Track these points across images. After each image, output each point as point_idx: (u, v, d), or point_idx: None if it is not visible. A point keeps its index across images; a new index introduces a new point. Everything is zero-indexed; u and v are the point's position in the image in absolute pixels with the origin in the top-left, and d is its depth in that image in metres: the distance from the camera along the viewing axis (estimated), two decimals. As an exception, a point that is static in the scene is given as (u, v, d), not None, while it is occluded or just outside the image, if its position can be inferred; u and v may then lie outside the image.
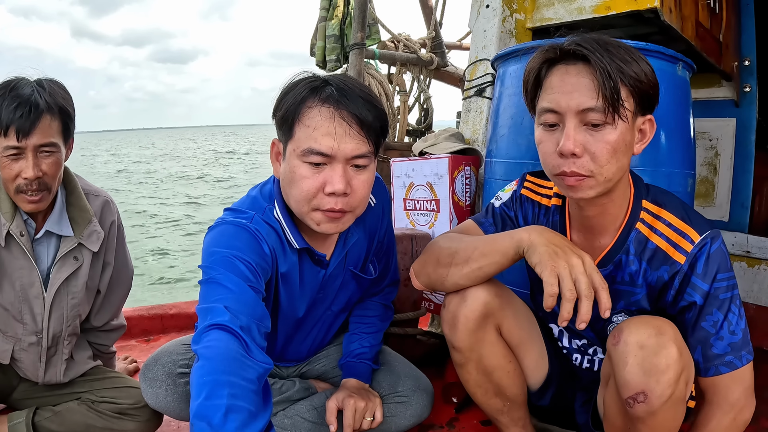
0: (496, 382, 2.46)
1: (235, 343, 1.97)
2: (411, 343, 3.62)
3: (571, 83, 1.96)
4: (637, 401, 1.88)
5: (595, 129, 1.95)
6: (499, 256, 2.14)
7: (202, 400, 1.82)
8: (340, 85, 2.18)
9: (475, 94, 3.98)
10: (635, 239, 2.16)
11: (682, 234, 2.07)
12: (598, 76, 1.91)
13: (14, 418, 2.75)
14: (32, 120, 2.44)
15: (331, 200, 2.17)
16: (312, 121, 2.14)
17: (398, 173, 3.91)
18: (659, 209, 2.15)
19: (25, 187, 2.53)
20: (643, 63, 1.97)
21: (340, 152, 2.13)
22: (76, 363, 2.94)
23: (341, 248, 2.59)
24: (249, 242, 2.26)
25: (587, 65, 1.94)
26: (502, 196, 2.57)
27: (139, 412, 2.81)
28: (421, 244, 3.54)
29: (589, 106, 1.92)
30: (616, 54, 1.93)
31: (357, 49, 4.86)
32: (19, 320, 2.74)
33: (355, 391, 2.65)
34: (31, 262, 2.68)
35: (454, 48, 6.74)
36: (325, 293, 2.69)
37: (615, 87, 1.89)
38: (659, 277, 2.12)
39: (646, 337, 1.88)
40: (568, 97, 1.96)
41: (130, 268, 3.18)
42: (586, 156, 1.96)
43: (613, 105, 1.90)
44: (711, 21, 4.04)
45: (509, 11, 3.93)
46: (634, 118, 1.99)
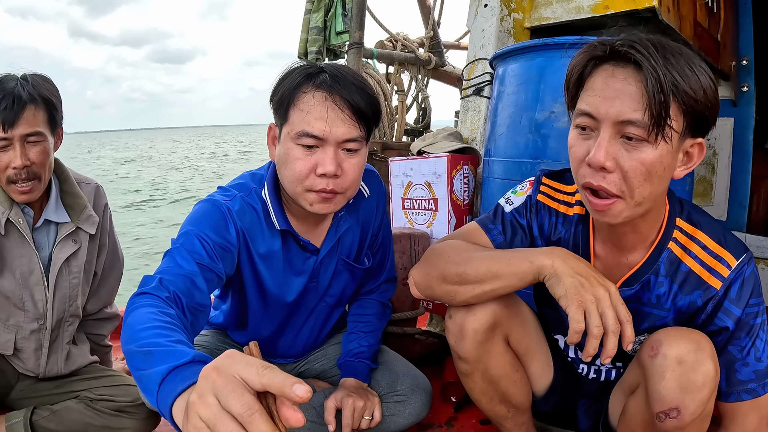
0: (503, 390, 2.39)
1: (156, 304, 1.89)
2: (409, 343, 3.62)
3: (615, 88, 1.74)
4: (670, 417, 1.83)
5: (630, 144, 1.75)
6: (516, 280, 1.97)
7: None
8: (333, 72, 2.25)
9: (474, 93, 3.98)
10: (667, 260, 2.03)
11: (719, 258, 1.96)
12: (648, 87, 1.67)
13: (12, 417, 2.75)
14: (16, 110, 2.50)
15: (322, 181, 2.24)
16: (306, 105, 2.21)
17: (396, 172, 3.91)
18: (694, 229, 2.02)
19: (15, 177, 2.58)
20: (705, 77, 1.73)
21: (332, 135, 2.20)
22: (76, 354, 2.97)
23: (333, 235, 2.63)
24: (216, 221, 2.33)
25: (638, 71, 1.71)
26: (513, 200, 2.35)
27: (137, 410, 2.81)
28: (420, 243, 3.56)
29: (629, 119, 1.71)
30: (675, 64, 1.69)
31: (355, 49, 4.86)
32: (21, 308, 2.76)
33: (353, 390, 2.65)
34: (31, 248, 2.72)
35: (452, 47, 6.75)
36: (318, 282, 2.71)
37: (665, 102, 1.67)
38: (692, 302, 2.01)
39: (685, 352, 1.81)
40: (608, 103, 1.75)
41: (120, 252, 3.26)
42: (618, 172, 1.78)
43: (659, 123, 1.68)
44: (709, 20, 4.05)
45: (507, 10, 3.93)
46: (681, 139, 1.78)
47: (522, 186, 2.39)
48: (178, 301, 1.99)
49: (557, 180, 2.31)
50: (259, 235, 2.48)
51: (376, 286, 3.02)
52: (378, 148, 4.83)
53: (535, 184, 2.33)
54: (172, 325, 1.72)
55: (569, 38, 2.89)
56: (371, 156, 4.71)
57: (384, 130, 5.68)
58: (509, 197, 2.38)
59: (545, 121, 2.90)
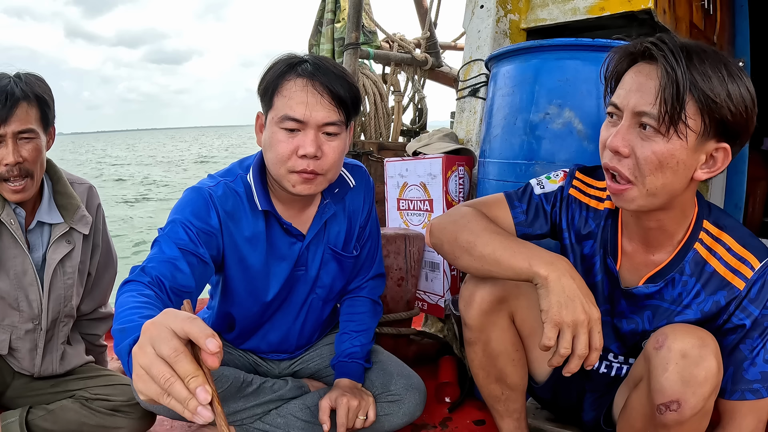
0: (500, 367, 2.45)
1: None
2: (404, 343, 3.63)
3: (638, 82, 1.88)
4: (670, 409, 1.86)
5: (645, 133, 1.86)
6: (511, 273, 2.05)
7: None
8: (315, 62, 2.43)
9: (469, 94, 3.98)
10: (692, 260, 2.09)
11: (742, 260, 2.02)
12: (662, 81, 1.80)
13: (8, 417, 2.76)
14: (9, 107, 2.51)
15: (303, 162, 2.39)
16: (288, 91, 2.38)
17: (392, 173, 3.91)
18: (720, 232, 2.08)
19: (7, 174, 2.58)
20: (736, 86, 1.81)
21: (312, 119, 2.37)
22: (71, 354, 2.98)
23: (318, 220, 2.74)
24: (198, 208, 2.49)
25: (660, 67, 1.83)
26: (545, 185, 2.43)
27: (133, 409, 2.82)
28: (415, 244, 3.57)
29: (644, 110, 1.84)
30: (699, 66, 1.78)
31: (351, 49, 4.87)
32: (15, 308, 2.77)
33: (347, 390, 2.68)
34: (23, 249, 2.73)
35: (448, 48, 6.77)
36: (307, 270, 2.80)
37: (678, 97, 1.77)
38: (715, 302, 2.06)
39: (690, 347, 1.85)
40: (630, 95, 1.89)
41: (114, 251, 3.27)
42: (632, 159, 1.89)
43: (671, 117, 1.79)
44: (705, 22, 4.06)
45: (503, 12, 3.93)
46: (700, 139, 1.84)
47: (556, 174, 2.46)
48: (160, 284, 2.14)
49: (590, 175, 2.39)
50: (243, 218, 2.61)
51: (366, 281, 3.06)
52: (374, 149, 4.84)
53: (569, 178, 2.41)
54: (146, 304, 1.87)
55: (564, 40, 2.89)
56: (367, 156, 4.72)
57: (380, 130, 5.69)
58: (542, 181, 2.46)
59: (540, 122, 2.90)
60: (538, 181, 2.45)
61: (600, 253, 2.29)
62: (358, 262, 3.00)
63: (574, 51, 2.84)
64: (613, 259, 2.24)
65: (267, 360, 3.04)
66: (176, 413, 1.93)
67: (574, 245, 2.36)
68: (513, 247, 2.07)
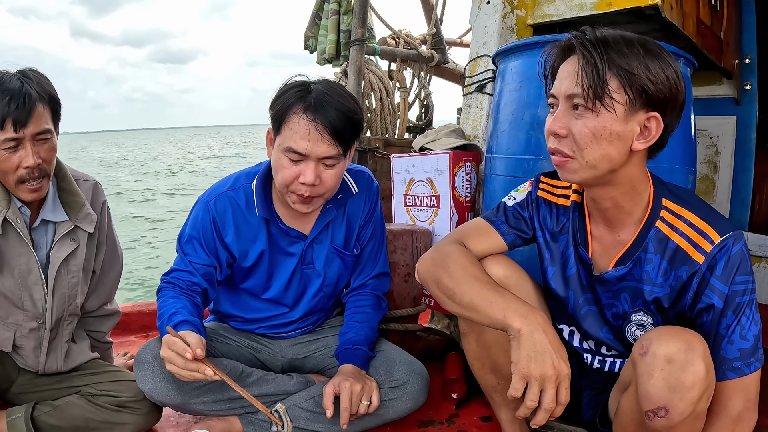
0: (493, 357, 2.50)
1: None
2: (410, 339, 3.63)
3: (566, 71, 2.05)
4: (658, 416, 1.86)
5: (577, 113, 2.01)
6: (487, 321, 2.12)
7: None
8: (320, 97, 2.61)
9: (476, 90, 3.98)
10: (655, 237, 2.15)
11: (702, 234, 2.06)
12: (581, 63, 1.98)
13: (13, 413, 2.76)
14: (28, 110, 2.50)
15: (303, 188, 2.65)
16: (294, 125, 2.60)
17: (398, 169, 3.91)
18: (680, 208, 2.13)
19: (27, 176, 2.59)
20: (654, 60, 1.97)
21: (313, 153, 2.60)
22: (76, 351, 2.99)
23: (320, 222, 2.99)
24: (202, 224, 2.91)
25: (576, 48, 2.03)
26: (516, 196, 2.55)
27: (139, 405, 2.83)
28: (422, 240, 3.57)
29: (572, 92, 2.00)
30: (614, 47, 1.96)
31: (357, 45, 4.86)
32: (20, 307, 2.77)
33: (351, 375, 2.75)
34: (28, 248, 2.73)
35: (454, 45, 6.75)
36: (314, 266, 3.06)
37: (599, 75, 1.94)
38: (678, 276, 2.10)
39: (675, 351, 1.85)
40: (560, 82, 2.06)
41: (120, 249, 3.28)
42: (570, 137, 2.03)
43: (595, 92, 1.95)
44: (712, 18, 4.05)
45: (510, 7, 3.93)
46: (629, 111, 1.98)
47: (523, 185, 2.58)
48: (183, 288, 2.85)
49: (554, 178, 2.49)
50: (243, 224, 2.93)
51: (369, 279, 3.18)
52: (380, 145, 4.84)
53: (534, 183, 2.53)
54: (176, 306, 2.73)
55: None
56: (373, 153, 4.71)
57: (386, 127, 5.68)
58: (512, 195, 2.57)
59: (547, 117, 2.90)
60: (510, 196, 2.58)
61: (572, 245, 2.37)
62: (360, 259, 3.15)
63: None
64: (585, 248, 2.32)
65: (267, 338, 3.20)
66: (169, 395, 2.71)
67: (550, 243, 2.45)
68: (489, 297, 2.13)
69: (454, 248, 2.36)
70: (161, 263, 14.54)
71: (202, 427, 2.76)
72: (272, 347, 3.17)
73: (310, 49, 6.15)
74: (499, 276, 2.36)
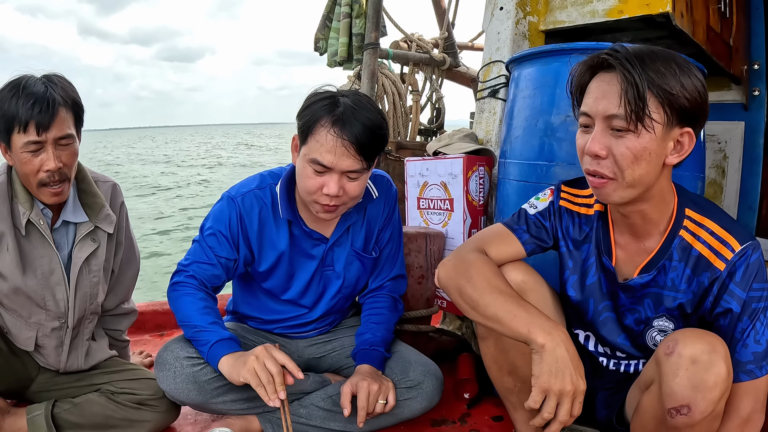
0: (512, 360, 2.52)
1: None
2: (423, 340, 3.66)
3: (603, 90, 2.02)
4: (680, 413, 1.91)
5: (618, 134, 2.00)
6: (510, 334, 2.14)
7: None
8: (348, 112, 2.63)
9: (489, 95, 3.99)
10: (679, 246, 2.19)
11: (723, 242, 2.11)
12: (623, 85, 1.96)
13: (33, 410, 2.79)
14: (51, 114, 2.54)
15: (326, 198, 2.69)
16: (320, 138, 2.62)
17: (412, 172, 3.94)
18: (702, 218, 2.18)
19: (48, 180, 2.62)
20: (687, 77, 1.98)
21: (337, 166, 2.63)
22: (96, 349, 3.02)
23: (341, 226, 3.04)
24: (228, 218, 2.93)
25: (618, 74, 1.99)
26: (537, 204, 2.56)
27: (158, 402, 2.87)
28: (435, 243, 3.61)
29: (612, 113, 1.98)
30: (651, 65, 1.96)
31: (371, 49, 4.89)
32: (42, 307, 2.81)
33: (368, 375, 2.79)
34: (51, 248, 2.77)
35: (466, 48, 6.75)
36: (334, 268, 3.10)
37: (640, 96, 1.93)
38: (700, 282, 2.16)
39: (699, 352, 1.91)
40: (598, 103, 2.03)
41: (137, 249, 3.32)
42: (610, 158, 2.03)
43: (637, 114, 1.94)
44: (721, 25, 4.06)
45: (523, 13, 3.95)
46: (666, 129, 2.00)
47: (543, 193, 2.58)
48: (203, 285, 2.91)
49: (574, 187, 2.51)
50: (267, 223, 2.97)
51: (386, 281, 3.21)
52: (392, 148, 4.86)
53: (556, 193, 2.54)
54: (207, 310, 2.82)
55: (586, 44, 2.92)
56: (386, 155, 4.75)
57: (398, 129, 5.70)
58: (532, 203, 2.58)
59: (561, 124, 2.94)
60: (530, 204, 2.58)
61: (595, 254, 2.40)
62: (378, 261, 3.17)
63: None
64: (608, 256, 2.35)
65: (285, 337, 3.23)
66: (190, 395, 2.77)
67: (573, 252, 2.47)
68: (513, 311, 2.14)
69: (476, 257, 2.37)
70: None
71: (221, 425, 2.79)
72: (289, 347, 3.20)
73: (321, 50, 6.16)
74: (518, 281, 2.39)
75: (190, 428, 3.04)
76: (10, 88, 2.56)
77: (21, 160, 2.59)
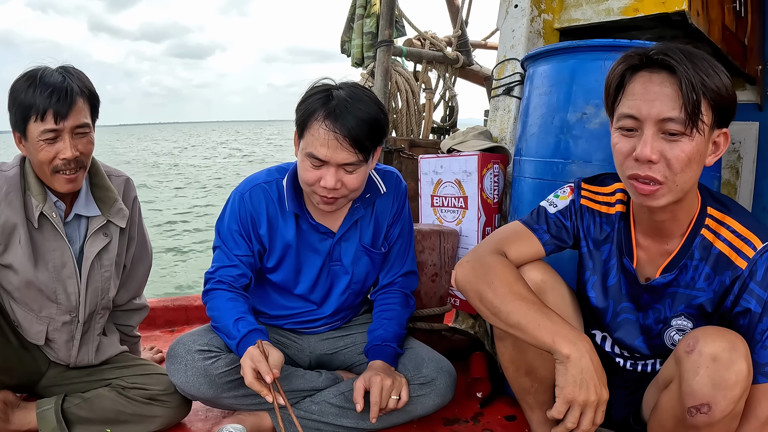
0: (529, 360, 2.50)
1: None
2: (436, 339, 3.65)
3: (654, 92, 1.96)
4: (700, 412, 1.90)
5: (672, 138, 1.95)
6: (533, 342, 2.12)
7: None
8: (341, 105, 2.66)
9: (504, 92, 3.98)
10: (700, 245, 2.18)
11: (745, 240, 2.09)
12: (683, 88, 1.90)
13: (43, 404, 2.81)
14: (69, 103, 2.57)
15: (324, 190, 2.72)
16: (314, 132, 2.66)
17: (426, 170, 3.93)
18: (723, 216, 2.16)
19: (63, 167, 2.64)
20: (724, 77, 1.96)
21: (333, 159, 2.66)
22: (106, 344, 3.03)
23: (348, 220, 3.05)
24: (238, 214, 2.98)
25: (671, 75, 1.94)
26: (557, 203, 2.51)
27: (169, 398, 2.87)
28: (449, 241, 3.61)
29: (669, 116, 1.93)
30: (701, 66, 1.92)
31: (384, 47, 4.88)
32: (54, 300, 2.82)
33: (381, 370, 2.78)
34: (64, 241, 2.78)
35: (479, 47, 6.75)
36: (342, 263, 3.12)
37: (697, 100, 1.89)
38: (722, 281, 2.14)
39: (720, 350, 1.89)
40: (649, 105, 1.96)
41: (149, 244, 3.32)
42: (662, 163, 1.97)
43: (693, 118, 1.90)
44: (737, 24, 4.05)
45: (537, 11, 3.93)
46: (710, 131, 1.98)
47: (563, 191, 2.54)
48: (231, 286, 2.95)
49: (595, 184, 2.48)
50: (275, 217, 3.01)
51: (397, 277, 3.21)
52: (405, 146, 4.87)
53: (576, 190, 2.49)
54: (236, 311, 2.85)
55: (602, 41, 2.91)
56: (399, 153, 4.75)
57: (411, 127, 5.70)
58: (552, 201, 2.54)
59: (577, 122, 2.93)
60: (550, 202, 2.53)
61: (616, 255, 2.37)
62: (388, 257, 3.18)
63: (612, 52, 2.83)
64: (629, 258, 2.33)
65: (296, 333, 3.24)
66: (201, 389, 2.77)
67: (593, 252, 2.45)
68: (537, 319, 2.12)
69: (496, 260, 2.33)
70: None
71: (232, 421, 2.79)
72: (301, 342, 3.21)
73: (347, 52, 6.20)
74: (537, 280, 2.37)
75: (201, 424, 3.05)
76: (26, 79, 2.59)
77: (37, 149, 2.61)
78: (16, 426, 2.82)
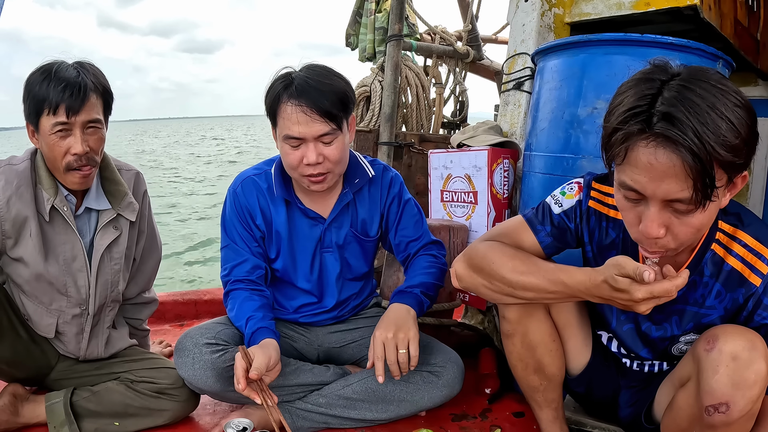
0: (538, 358, 2.50)
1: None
2: (445, 334, 3.66)
3: (661, 170, 1.72)
4: (718, 411, 1.87)
5: (680, 212, 1.79)
6: (564, 289, 2.10)
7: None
8: (300, 82, 2.75)
9: (514, 87, 3.97)
10: (710, 261, 2.10)
11: (758, 255, 2.02)
12: (691, 170, 1.67)
13: (52, 397, 2.82)
14: (82, 98, 2.58)
15: (310, 168, 2.78)
16: (284, 113, 2.75)
17: (436, 165, 3.92)
18: (735, 230, 2.07)
19: (75, 164, 2.65)
20: (736, 114, 1.70)
21: (308, 134, 2.73)
22: (116, 337, 3.05)
23: (338, 206, 3.08)
24: (237, 209, 3.06)
25: (678, 147, 1.66)
26: (563, 201, 2.38)
27: (178, 392, 2.88)
28: (459, 236, 3.61)
29: (677, 198, 1.74)
30: (710, 121, 1.64)
31: (395, 41, 4.88)
32: (64, 293, 2.82)
33: (391, 320, 2.79)
34: (75, 235, 2.79)
35: (489, 41, 6.74)
36: (333, 249, 3.14)
37: (710, 176, 1.68)
38: (734, 299, 2.09)
39: (740, 349, 1.87)
40: (655, 185, 1.75)
41: (159, 238, 3.34)
42: (669, 236, 1.85)
43: (705, 193, 1.70)
44: (749, 19, 4.04)
45: (548, 5, 3.92)
46: (726, 187, 1.81)
47: (570, 188, 2.41)
48: (248, 280, 3.01)
49: (606, 183, 2.33)
50: (265, 206, 3.07)
51: (421, 246, 3.20)
52: (415, 140, 4.87)
53: (585, 190, 2.36)
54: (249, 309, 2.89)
55: (613, 35, 2.89)
56: (409, 148, 4.74)
57: (421, 122, 5.69)
58: (558, 198, 2.42)
59: (588, 117, 2.91)
60: (555, 200, 2.42)
61: None
62: (402, 238, 3.20)
63: (623, 46, 2.84)
64: None
65: (303, 326, 3.26)
66: (208, 382, 2.77)
67: (597, 256, 2.36)
68: (555, 271, 2.13)
69: (488, 244, 2.33)
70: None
71: (240, 415, 2.78)
72: (309, 336, 3.22)
73: (352, 46, 6.18)
74: None
75: (209, 418, 3.05)
76: (41, 72, 2.61)
77: (49, 143, 2.62)
78: (26, 419, 2.84)
